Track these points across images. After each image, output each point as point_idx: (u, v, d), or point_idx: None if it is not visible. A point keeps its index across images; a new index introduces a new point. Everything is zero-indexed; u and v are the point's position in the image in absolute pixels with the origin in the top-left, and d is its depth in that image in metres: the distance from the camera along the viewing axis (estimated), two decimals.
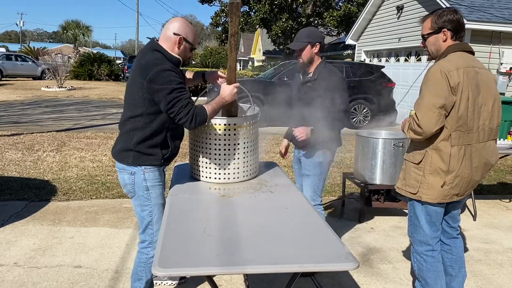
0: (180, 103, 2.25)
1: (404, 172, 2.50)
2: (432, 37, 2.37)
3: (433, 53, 2.42)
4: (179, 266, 1.66)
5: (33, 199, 4.73)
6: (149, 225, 2.45)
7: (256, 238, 1.90)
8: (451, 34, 2.32)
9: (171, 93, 2.23)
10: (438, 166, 2.32)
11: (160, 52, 2.34)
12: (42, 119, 10.46)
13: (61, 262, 3.32)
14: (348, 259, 1.73)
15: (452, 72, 2.21)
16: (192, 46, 2.43)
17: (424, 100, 2.25)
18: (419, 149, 2.39)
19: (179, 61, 2.40)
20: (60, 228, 3.99)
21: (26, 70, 24.93)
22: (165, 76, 2.23)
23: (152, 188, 2.42)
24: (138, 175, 2.38)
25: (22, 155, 6.63)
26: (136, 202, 2.44)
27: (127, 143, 2.37)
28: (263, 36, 33.04)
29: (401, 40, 12.94)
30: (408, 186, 2.44)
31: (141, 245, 2.51)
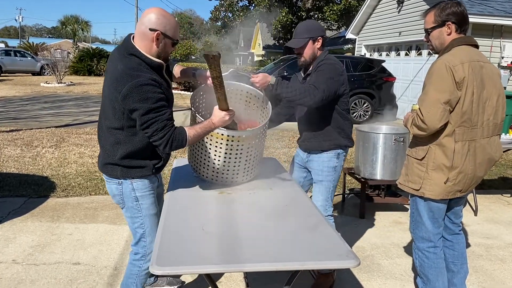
0: (155, 125, 2.02)
1: (406, 168, 2.47)
2: (436, 31, 2.31)
3: (437, 47, 2.35)
4: (177, 265, 1.63)
5: (31, 195, 4.70)
6: (141, 237, 2.28)
7: (256, 236, 1.87)
8: (455, 27, 2.26)
9: (147, 114, 1.99)
10: (442, 162, 2.28)
11: (136, 57, 2.05)
12: (41, 115, 10.42)
13: (60, 259, 3.30)
14: (349, 257, 1.70)
15: (458, 67, 2.17)
16: (173, 41, 2.13)
17: (429, 96, 2.20)
18: (422, 145, 2.35)
19: (160, 65, 2.13)
20: (59, 224, 3.97)
21: (25, 65, 24.84)
22: (141, 93, 1.96)
23: (142, 199, 2.23)
24: (125, 185, 2.19)
25: (21, 151, 6.60)
26: (127, 213, 2.27)
27: (111, 158, 2.17)
28: (262, 30, 32.89)
29: (401, 34, 12.86)
30: (411, 182, 2.41)
31: (134, 256, 2.34)
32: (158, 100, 2.01)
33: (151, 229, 2.27)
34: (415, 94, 11.58)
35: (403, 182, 2.48)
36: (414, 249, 2.57)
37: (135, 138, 2.11)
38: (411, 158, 2.42)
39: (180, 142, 2.08)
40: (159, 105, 2.01)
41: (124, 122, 2.07)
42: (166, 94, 2.08)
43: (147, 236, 2.27)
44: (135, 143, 2.12)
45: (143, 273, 2.30)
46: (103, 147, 2.21)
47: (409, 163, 2.44)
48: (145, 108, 1.97)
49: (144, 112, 1.99)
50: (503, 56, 10.31)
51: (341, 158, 2.88)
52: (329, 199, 2.90)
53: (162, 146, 2.05)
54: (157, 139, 2.04)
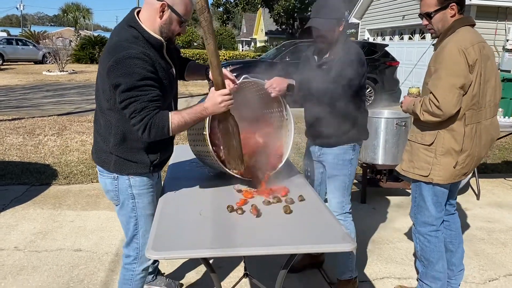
0: (133, 105, 1.76)
1: (410, 154, 2.41)
2: (439, 14, 2.22)
3: (439, 30, 2.27)
4: (174, 249, 1.63)
5: (34, 183, 4.72)
6: (134, 238, 2.10)
7: (253, 221, 1.86)
8: (458, 8, 2.20)
9: (128, 91, 1.75)
10: (451, 146, 2.24)
11: (135, 29, 1.85)
12: (43, 103, 10.43)
13: (61, 246, 3.32)
14: (345, 240, 1.69)
15: (469, 49, 2.11)
16: (180, 19, 1.88)
17: (443, 81, 2.13)
18: (429, 130, 2.29)
19: (159, 42, 1.89)
20: (60, 212, 3.98)
21: (27, 54, 24.81)
22: (127, 66, 1.73)
23: (139, 197, 2.03)
24: (122, 180, 1.98)
25: (23, 139, 6.61)
26: (120, 211, 2.08)
27: (104, 144, 1.97)
28: (265, 16, 32.61)
29: (405, 17, 12.70)
30: (417, 168, 2.35)
31: (126, 260, 2.14)
32: (145, 78, 1.77)
33: (146, 230, 2.06)
34: (419, 79, 11.47)
35: (407, 168, 2.42)
36: (414, 233, 2.55)
37: (126, 122, 1.87)
38: (416, 144, 2.36)
39: (160, 129, 1.80)
40: (144, 83, 1.77)
41: (113, 101, 1.84)
42: (160, 75, 1.87)
43: (140, 238, 2.08)
44: (128, 127, 1.88)
45: (137, 277, 2.13)
46: (96, 131, 2.02)
47: (413, 149, 2.38)
48: (128, 84, 1.74)
49: (125, 88, 1.75)
50: (508, 39, 10.18)
51: (357, 151, 2.64)
52: (346, 195, 2.64)
53: (140, 131, 1.81)
54: (135, 122, 1.79)
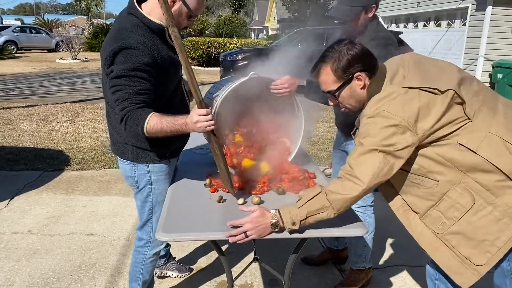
0: (119, 94, 1.76)
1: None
2: (345, 90, 1.66)
3: (356, 107, 1.71)
4: (183, 231, 1.63)
5: (47, 169, 4.77)
6: (148, 222, 2.12)
7: (264, 205, 1.86)
8: (367, 74, 1.63)
9: (117, 78, 1.75)
10: None
11: (135, 16, 1.84)
12: (56, 91, 10.51)
13: (74, 230, 3.35)
14: (356, 225, 1.67)
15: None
16: (190, 12, 1.87)
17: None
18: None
19: (160, 28, 1.86)
20: (73, 197, 4.03)
21: (40, 42, 24.97)
22: (123, 56, 1.74)
23: (156, 183, 2.05)
24: (140, 166, 2.01)
25: (36, 126, 6.68)
26: (137, 196, 2.10)
27: (118, 136, 1.99)
28: (277, 3, 32.33)
29: (420, 4, 12.48)
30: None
31: (138, 243, 2.17)
32: (137, 69, 1.75)
33: (160, 215, 2.03)
34: None
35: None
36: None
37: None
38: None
39: (135, 126, 1.75)
40: (134, 74, 1.75)
41: None
42: (160, 62, 1.84)
43: (154, 222, 2.10)
44: None
45: (148, 261, 2.16)
46: (109, 123, 2.04)
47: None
48: (119, 71, 1.74)
49: (115, 75, 1.75)
50: None
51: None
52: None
53: (118, 120, 1.79)
54: (117, 111, 1.78)
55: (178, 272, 2.75)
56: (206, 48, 17.53)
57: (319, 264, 2.92)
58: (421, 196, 1.59)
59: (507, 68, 8.99)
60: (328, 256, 2.96)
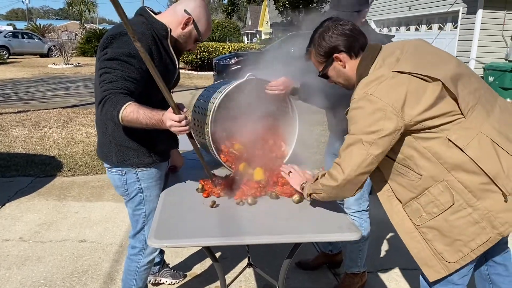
0: (106, 75, 1.71)
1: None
2: (330, 71, 1.73)
3: (349, 84, 1.75)
4: (176, 238, 1.61)
5: (39, 175, 4.73)
6: (141, 230, 2.07)
7: (257, 210, 1.84)
8: (347, 55, 1.66)
9: (109, 60, 1.72)
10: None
11: (143, 17, 1.86)
12: (49, 96, 10.44)
13: (66, 237, 3.32)
14: (350, 229, 1.67)
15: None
16: (199, 37, 1.92)
17: None
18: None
19: (165, 28, 1.84)
20: (65, 203, 3.99)
21: (32, 47, 24.85)
22: (120, 41, 1.73)
23: (147, 190, 2.00)
24: (130, 174, 1.96)
25: (28, 131, 6.63)
26: (129, 204, 2.05)
27: (103, 136, 1.96)
28: (270, 7, 32.42)
29: (411, 8, 12.56)
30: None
31: (132, 251, 2.12)
32: (132, 56, 1.72)
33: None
34: None
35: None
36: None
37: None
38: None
39: (111, 109, 1.68)
40: (128, 60, 1.72)
41: None
42: (155, 61, 1.79)
43: (147, 230, 2.03)
44: None
45: (141, 269, 2.12)
46: (97, 126, 2.01)
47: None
48: (112, 54, 1.71)
49: (109, 57, 1.72)
50: None
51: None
52: (364, 191, 2.44)
53: (97, 101, 1.77)
54: (99, 92, 1.75)
55: (172, 279, 2.72)
56: (199, 53, 17.52)
57: (314, 268, 2.91)
58: (405, 186, 1.59)
59: (498, 70, 9.07)
60: (323, 260, 2.94)
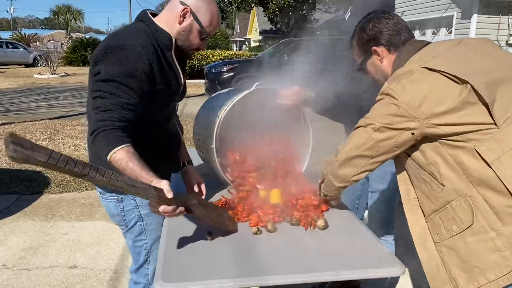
0: (101, 101, 1.43)
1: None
2: (368, 64, 1.62)
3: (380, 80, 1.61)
4: (187, 280, 1.35)
5: (24, 192, 4.42)
6: (145, 264, 1.83)
7: (277, 240, 1.59)
8: (386, 48, 1.54)
9: (105, 81, 1.44)
10: None
11: (144, 23, 1.61)
12: (34, 107, 10.08)
13: (54, 263, 3.02)
14: (392, 263, 1.42)
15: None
16: (202, 30, 1.61)
17: None
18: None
19: (168, 38, 1.59)
20: (53, 223, 3.69)
21: (17, 57, 24.38)
22: (116, 56, 1.45)
23: (148, 217, 1.74)
24: (126, 201, 1.70)
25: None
26: (128, 235, 1.80)
27: (94, 157, 1.63)
28: (259, 15, 32.38)
29: (404, 13, 12.49)
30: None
31: (135, 286, 1.87)
32: (130, 76, 1.45)
33: (157, 254, 1.78)
34: None
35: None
36: None
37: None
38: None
39: (100, 147, 1.41)
40: (126, 82, 1.45)
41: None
42: (156, 78, 1.55)
43: (151, 263, 1.81)
44: None
45: None
46: (88, 145, 1.65)
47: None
48: (107, 75, 1.44)
49: (103, 78, 1.44)
50: (511, 33, 9.98)
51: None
52: (390, 212, 2.25)
53: (89, 131, 1.46)
54: (92, 120, 1.46)
55: None
56: (189, 61, 17.29)
57: None
58: (428, 196, 1.40)
59: None
60: (340, 285, 2.70)
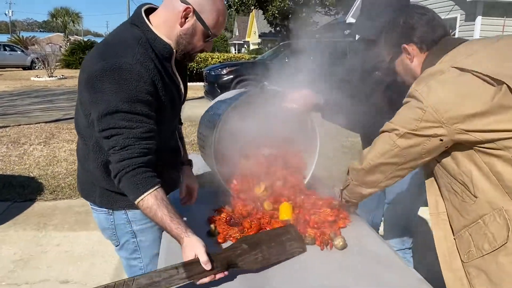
0: (115, 139, 1.27)
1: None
2: (397, 63, 1.46)
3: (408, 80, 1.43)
4: None
5: (16, 199, 4.22)
6: None
7: (289, 266, 1.41)
8: (418, 47, 1.37)
9: (109, 114, 1.25)
10: None
11: (139, 29, 1.38)
12: (31, 110, 9.89)
13: (45, 276, 2.83)
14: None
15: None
16: (208, 31, 1.40)
17: None
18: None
19: (168, 49, 1.39)
20: (45, 233, 3.50)
21: (15, 60, 24.19)
22: (114, 79, 1.25)
23: (142, 234, 1.56)
24: (118, 215, 1.53)
25: (6, 149, 6.10)
26: (121, 253, 1.63)
27: (83, 172, 1.53)
28: (258, 17, 32.27)
29: None
30: None
31: None
32: (135, 100, 1.26)
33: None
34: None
35: None
36: None
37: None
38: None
39: (127, 190, 1.29)
40: (134, 109, 1.26)
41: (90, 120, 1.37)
42: (161, 95, 1.37)
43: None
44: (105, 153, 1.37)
45: None
46: (77, 156, 1.57)
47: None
48: (111, 106, 1.25)
49: (107, 110, 1.25)
50: None
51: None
52: (409, 226, 2.11)
53: (112, 175, 1.32)
54: (112, 160, 1.30)
55: None
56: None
57: None
58: (458, 209, 1.26)
59: None
60: None
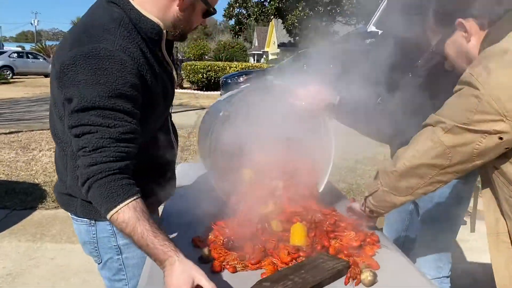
0: (87, 139, 1.05)
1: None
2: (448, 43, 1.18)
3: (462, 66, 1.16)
4: None
5: (16, 207, 4.03)
6: None
7: None
8: (477, 23, 1.10)
9: (83, 111, 1.05)
10: None
11: (118, 7, 1.16)
12: (46, 116, 9.78)
13: None
14: None
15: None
16: (208, 8, 1.24)
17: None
18: None
19: (157, 31, 1.19)
20: (40, 245, 3.26)
21: (37, 67, 24.58)
22: (90, 70, 1.04)
23: (128, 249, 1.33)
24: (101, 226, 1.30)
25: (15, 154, 5.95)
26: (104, 272, 1.40)
27: (62, 183, 1.31)
28: (278, 27, 32.18)
29: None
30: None
31: None
32: (116, 95, 1.04)
33: None
34: None
35: None
36: None
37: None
38: None
39: (99, 201, 1.05)
40: (113, 105, 1.04)
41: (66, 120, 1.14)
42: (149, 83, 1.16)
43: None
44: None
45: None
46: (56, 166, 1.36)
47: None
48: (86, 100, 1.04)
49: (81, 105, 1.03)
50: None
51: (471, 184, 1.65)
52: (447, 249, 1.74)
53: (80, 179, 1.07)
54: (81, 164, 1.06)
55: None
56: (205, 72, 17.19)
57: None
58: None
59: None
60: None
